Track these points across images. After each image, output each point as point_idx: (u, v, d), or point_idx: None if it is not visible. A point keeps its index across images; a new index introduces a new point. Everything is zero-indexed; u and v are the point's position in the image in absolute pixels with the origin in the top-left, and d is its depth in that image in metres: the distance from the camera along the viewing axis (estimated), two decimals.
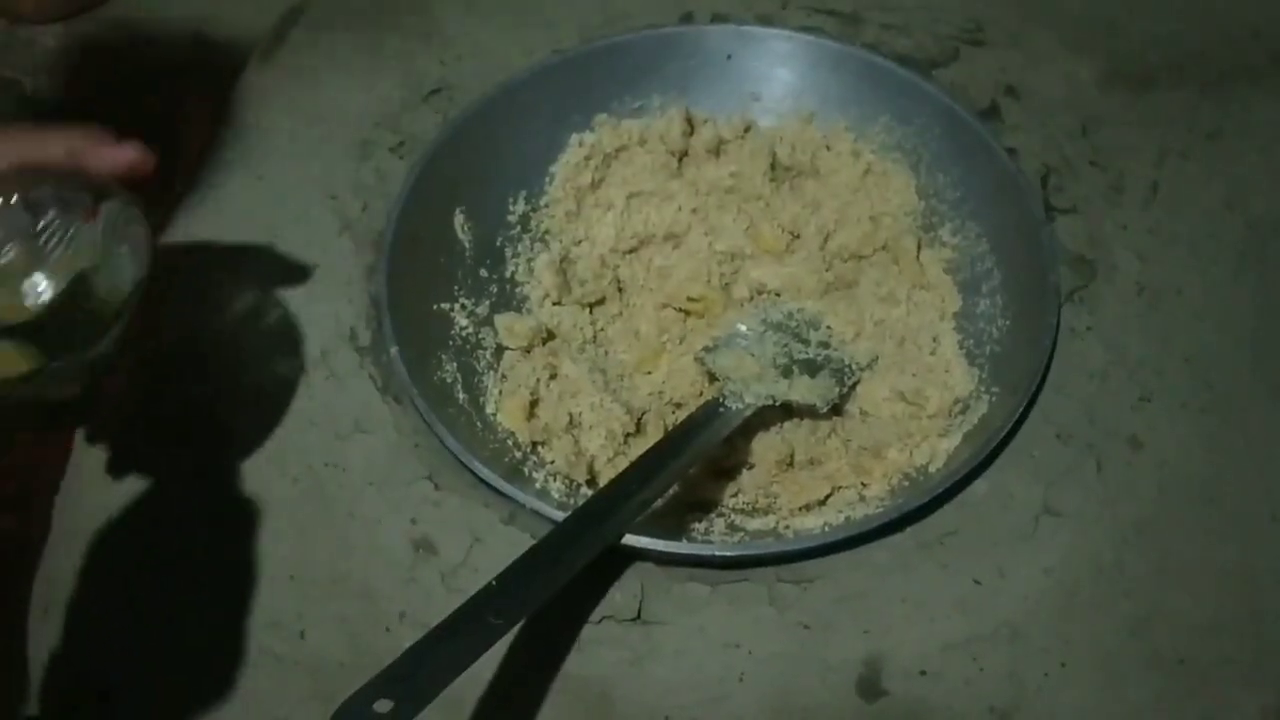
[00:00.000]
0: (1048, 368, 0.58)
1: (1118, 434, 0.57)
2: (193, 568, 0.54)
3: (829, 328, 0.64)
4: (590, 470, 0.59)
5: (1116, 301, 0.61)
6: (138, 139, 0.52)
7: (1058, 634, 0.51)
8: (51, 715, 0.51)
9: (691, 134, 0.69)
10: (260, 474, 0.56)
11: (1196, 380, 0.59)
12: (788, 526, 0.57)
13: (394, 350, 0.57)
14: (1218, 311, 0.61)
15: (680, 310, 0.65)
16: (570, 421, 0.60)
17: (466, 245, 0.64)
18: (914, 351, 0.62)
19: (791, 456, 0.59)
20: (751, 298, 0.66)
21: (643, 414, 0.61)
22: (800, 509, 0.57)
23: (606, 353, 0.65)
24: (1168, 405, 0.58)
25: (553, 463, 0.59)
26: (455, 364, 0.60)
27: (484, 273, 0.65)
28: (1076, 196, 0.65)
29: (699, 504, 0.58)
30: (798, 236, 0.66)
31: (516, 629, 0.49)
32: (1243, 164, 0.67)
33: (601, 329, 0.65)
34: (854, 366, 0.62)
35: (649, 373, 0.64)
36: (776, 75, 0.70)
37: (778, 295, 0.65)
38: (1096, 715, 0.50)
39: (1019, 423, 0.56)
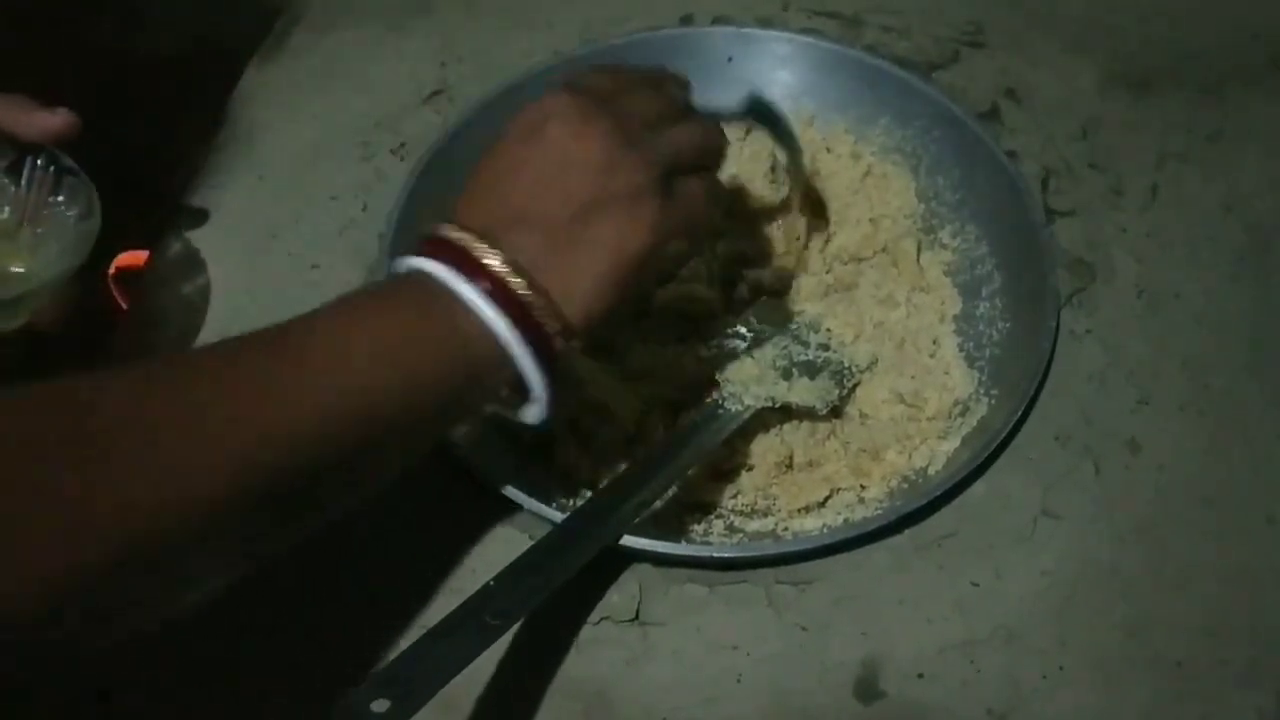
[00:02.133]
0: (1047, 370, 0.58)
1: (1116, 437, 0.57)
2: None
3: (828, 330, 0.64)
4: (589, 471, 0.59)
5: (1115, 304, 0.62)
6: (65, 106, 0.55)
7: (1055, 636, 0.51)
8: (51, 715, 0.51)
9: None
10: None
11: (1194, 383, 0.59)
12: (786, 528, 0.57)
13: None
14: (1216, 315, 0.61)
15: (680, 312, 0.65)
16: (570, 422, 0.60)
17: None
18: (913, 354, 0.62)
19: (790, 458, 0.59)
20: (751, 300, 0.66)
21: (642, 414, 0.61)
22: (799, 511, 0.57)
23: (607, 354, 0.65)
24: (1166, 408, 0.58)
25: (552, 463, 0.59)
26: None
27: None
28: (1076, 199, 0.66)
29: (698, 505, 0.58)
30: (798, 239, 0.66)
31: (514, 629, 0.49)
32: (1242, 167, 0.67)
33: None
34: (853, 369, 0.62)
35: (649, 374, 0.64)
36: (777, 77, 0.70)
37: (778, 297, 0.65)
38: (1094, 717, 0.50)
39: (1018, 425, 0.56)
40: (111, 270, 0.65)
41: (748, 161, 0.68)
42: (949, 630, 0.52)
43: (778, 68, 0.70)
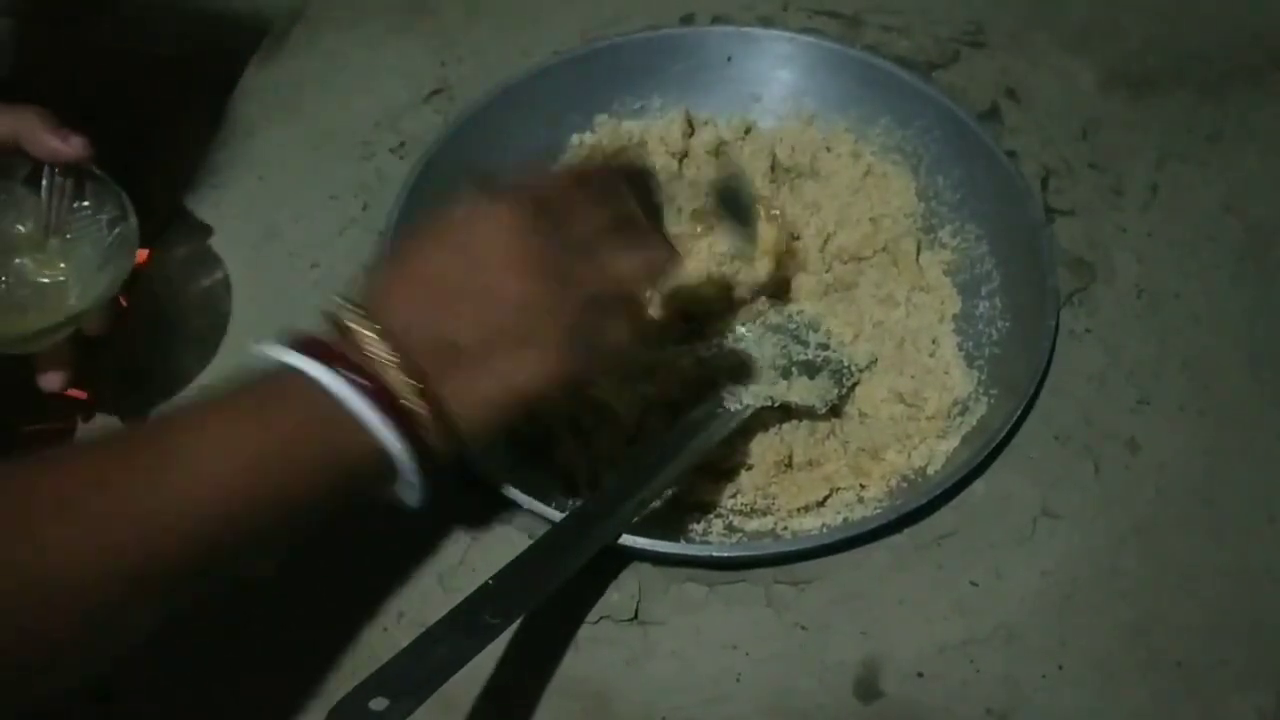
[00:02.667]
0: (1046, 370, 0.58)
1: (1116, 436, 0.57)
2: None
3: (828, 330, 0.64)
4: (589, 471, 0.59)
5: (1115, 304, 0.62)
6: (83, 131, 0.54)
7: (1055, 636, 0.51)
8: (51, 717, 0.51)
9: (692, 135, 0.69)
10: None
11: (1194, 383, 0.59)
12: (786, 528, 0.57)
13: None
14: (1216, 314, 0.61)
15: (680, 311, 0.65)
16: (570, 421, 0.60)
17: None
18: (913, 353, 0.62)
19: (790, 458, 0.59)
20: (751, 299, 0.66)
21: (642, 414, 0.61)
22: (798, 510, 0.57)
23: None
24: (1165, 408, 0.58)
25: (552, 463, 0.59)
26: None
27: None
28: (1076, 199, 0.66)
29: (697, 505, 0.58)
30: (798, 238, 0.66)
31: (513, 628, 0.49)
32: (1242, 167, 0.67)
33: None
34: (853, 368, 0.62)
35: (649, 372, 0.64)
36: (777, 77, 0.70)
37: (777, 297, 0.65)
38: (1093, 717, 0.50)
39: (1017, 425, 0.56)
40: None
41: (748, 160, 0.68)
42: (949, 630, 0.52)
43: (778, 67, 0.70)
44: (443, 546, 0.54)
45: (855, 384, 0.62)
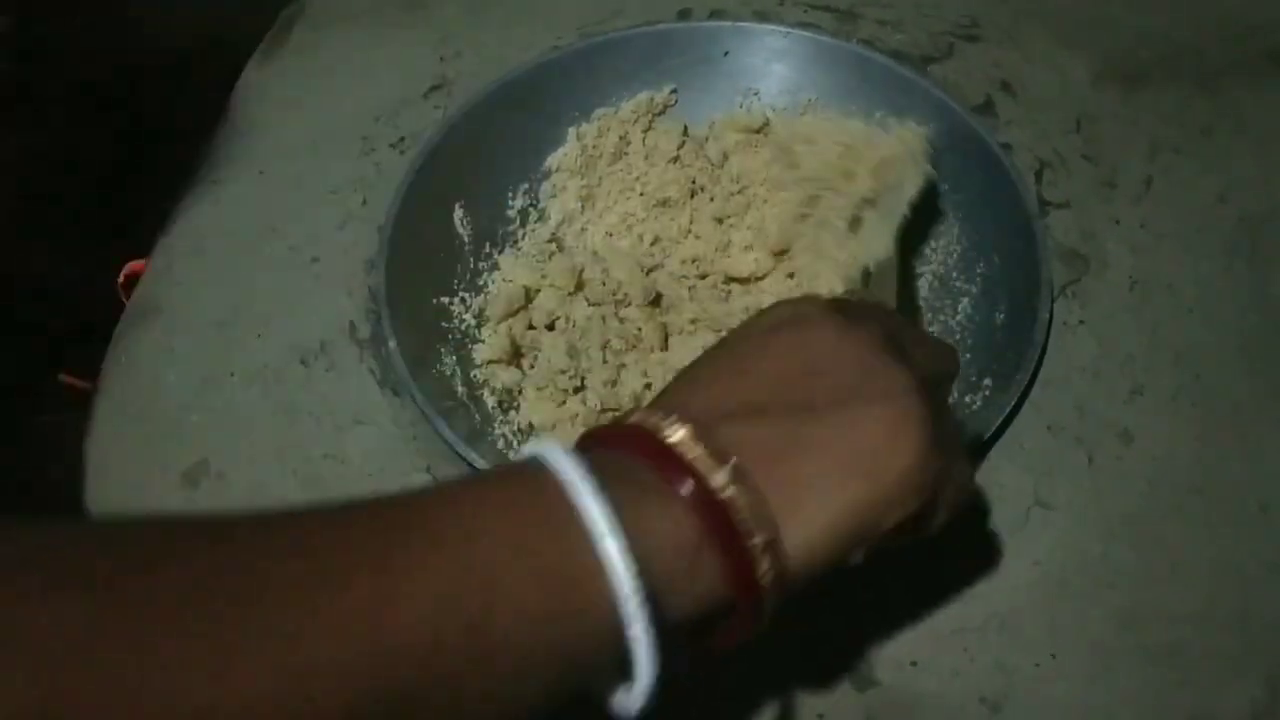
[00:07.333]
0: (1040, 361, 0.58)
1: (1109, 427, 0.57)
2: None
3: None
4: None
5: (1108, 296, 0.62)
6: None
7: (1048, 625, 0.52)
8: None
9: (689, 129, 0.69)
10: (259, 465, 0.57)
11: (1187, 374, 0.59)
12: None
13: (393, 343, 0.58)
14: (1209, 306, 0.61)
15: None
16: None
17: (466, 239, 0.65)
18: None
19: None
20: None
21: (639, 404, 0.61)
22: None
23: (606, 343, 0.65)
24: (1158, 399, 0.58)
25: None
26: (454, 357, 0.61)
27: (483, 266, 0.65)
28: (1070, 191, 0.66)
29: None
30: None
31: None
32: (1235, 160, 0.67)
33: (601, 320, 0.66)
34: None
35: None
36: (773, 71, 0.70)
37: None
38: (1086, 706, 0.50)
39: (1011, 415, 0.57)
40: (121, 279, 0.65)
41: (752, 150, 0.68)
42: (942, 619, 0.52)
43: (774, 61, 0.70)
44: None
45: None
